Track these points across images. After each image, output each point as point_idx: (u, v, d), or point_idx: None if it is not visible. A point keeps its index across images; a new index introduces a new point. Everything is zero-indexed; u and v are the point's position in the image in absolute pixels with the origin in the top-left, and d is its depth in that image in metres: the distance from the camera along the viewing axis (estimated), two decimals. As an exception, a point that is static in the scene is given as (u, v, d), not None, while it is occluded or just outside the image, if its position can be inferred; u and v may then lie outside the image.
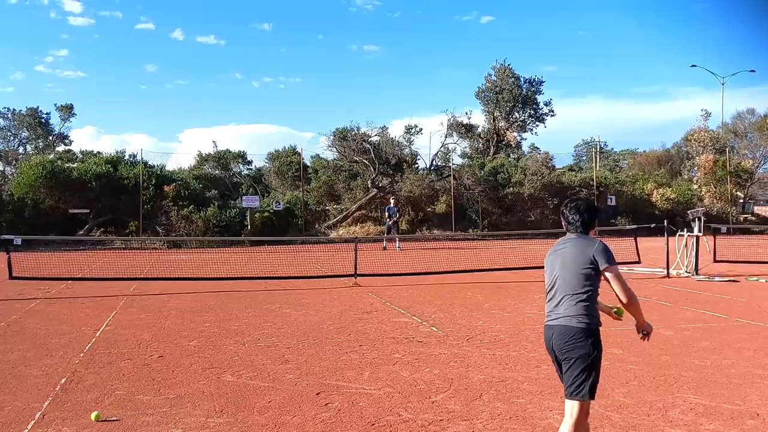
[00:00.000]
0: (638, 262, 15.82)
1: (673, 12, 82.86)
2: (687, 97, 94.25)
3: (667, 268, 15.04)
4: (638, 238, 16.61)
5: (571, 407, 4.12)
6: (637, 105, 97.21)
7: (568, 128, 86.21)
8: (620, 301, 4.39)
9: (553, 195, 35.73)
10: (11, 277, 13.47)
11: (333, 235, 32.72)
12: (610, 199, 36.00)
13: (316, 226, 34.30)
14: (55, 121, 52.24)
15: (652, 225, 18.34)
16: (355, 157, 36.80)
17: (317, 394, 5.90)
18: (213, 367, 6.89)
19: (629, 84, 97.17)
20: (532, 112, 48.07)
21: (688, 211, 16.59)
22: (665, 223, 15.72)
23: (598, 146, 58.61)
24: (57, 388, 6.12)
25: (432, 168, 39.61)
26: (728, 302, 11.17)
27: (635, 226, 18.47)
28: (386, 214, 26.67)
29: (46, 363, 7.13)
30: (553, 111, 48.15)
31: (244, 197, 33.18)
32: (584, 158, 61.31)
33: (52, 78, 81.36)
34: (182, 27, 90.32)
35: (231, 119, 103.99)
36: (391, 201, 26.83)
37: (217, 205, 31.76)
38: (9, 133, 51.47)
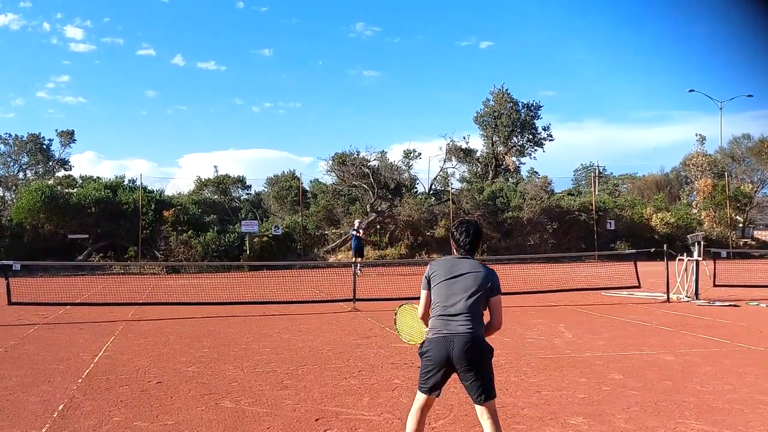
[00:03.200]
0: (638, 287, 15.80)
1: (670, 37, 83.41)
2: (686, 121, 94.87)
3: (668, 292, 15.01)
4: (638, 263, 16.60)
5: (488, 408, 4.45)
6: (635, 129, 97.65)
7: (567, 152, 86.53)
8: (494, 327, 4.69)
9: (553, 219, 35.77)
10: (10, 303, 13.43)
11: (332, 259, 32.68)
12: (610, 223, 36.03)
13: (315, 250, 34.26)
14: (56, 146, 52.44)
15: (652, 249, 18.34)
16: (354, 182, 36.87)
17: (316, 420, 5.86)
18: (211, 393, 6.84)
19: (628, 108, 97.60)
20: (531, 136, 48.24)
21: (688, 236, 16.58)
22: (665, 248, 15.72)
23: (597, 170, 58.85)
24: (55, 415, 6.07)
25: (431, 192, 39.71)
26: (729, 327, 11.13)
27: (635, 251, 18.49)
28: (353, 233, 25.36)
29: (44, 389, 7.08)
30: (551, 135, 48.34)
31: (243, 222, 33.20)
32: (583, 182, 61.52)
33: (53, 104, 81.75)
34: (183, 53, 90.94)
35: (230, 144, 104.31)
36: (356, 222, 26.47)
37: (216, 230, 31.74)
38: (9, 159, 51.56)
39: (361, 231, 25.40)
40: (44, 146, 52.00)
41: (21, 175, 50.69)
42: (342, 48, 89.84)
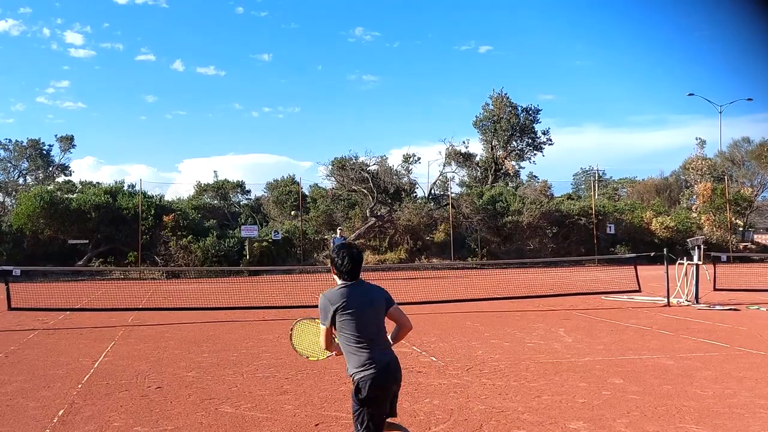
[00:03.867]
0: (638, 291, 15.79)
1: (669, 41, 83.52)
2: (685, 124, 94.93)
3: (668, 296, 15.00)
4: (638, 267, 16.59)
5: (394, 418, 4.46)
6: (635, 133, 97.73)
7: (567, 157, 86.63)
8: (406, 328, 4.58)
9: (552, 223, 35.77)
10: (10, 308, 13.43)
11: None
12: (609, 227, 36.04)
13: (315, 255, 34.25)
14: (56, 152, 52.50)
15: (652, 253, 18.34)
16: (353, 186, 36.89)
17: (316, 425, 5.85)
18: (211, 398, 6.84)
19: (627, 112, 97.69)
20: (530, 140, 48.34)
21: (688, 240, 16.59)
22: (665, 252, 15.72)
23: (597, 175, 58.94)
24: (55, 420, 6.07)
25: (430, 197, 39.71)
26: (729, 331, 11.12)
27: (635, 255, 18.47)
28: (332, 244, 25.21)
29: (44, 395, 7.07)
30: (551, 140, 48.46)
31: (242, 227, 33.17)
32: (583, 186, 61.57)
33: (53, 109, 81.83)
34: (182, 58, 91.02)
35: (230, 149, 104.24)
36: (338, 231, 26.42)
37: (215, 235, 31.74)
38: (9, 164, 51.60)
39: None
40: (44, 151, 52.07)
41: (21, 180, 50.72)
42: (341, 53, 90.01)
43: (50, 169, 51.69)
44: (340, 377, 7.76)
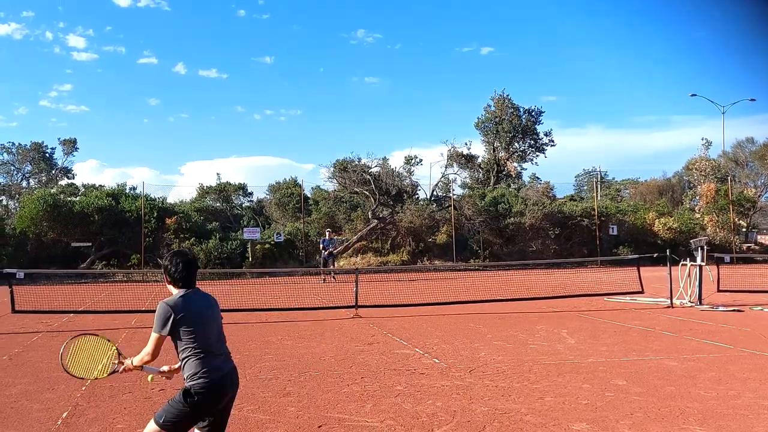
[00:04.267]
0: (641, 292, 15.78)
1: (672, 41, 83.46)
2: (688, 125, 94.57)
3: (671, 297, 14.98)
4: (641, 268, 16.57)
5: None
6: (637, 134, 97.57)
7: (569, 158, 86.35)
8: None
9: (555, 225, 35.72)
10: (14, 311, 13.46)
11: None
12: (612, 228, 36.00)
13: (317, 257, 34.24)
14: (59, 155, 52.63)
15: (655, 255, 18.30)
16: (355, 188, 36.87)
17: (319, 427, 5.85)
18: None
19: (629, 113, 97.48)
20: (532, 142, 48.30)
21: (691, 241, 16.56)
22: (668, 253, 15.70)
23: (599, 176, 58.89)
24: (59, 423, 6.08)
25: (432, 198, 39.67)
26: (732, 332, 11.11)
27: (637, 256, 18.44)
28: (321, 246, 26.91)
29: (48, 397, 7.08)
30: (553, 141, 48.40)
31: (245, 229, 33.23)
32: (585, 188, 61.51)
33: (56, 112, 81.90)
34: (184, 61, 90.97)
35: (232, 152, 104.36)
36: (327, 233, 27.38)
37: (218, 237, 31.78)
38: (12, 168, 51.73)
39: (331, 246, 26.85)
40: (47, 155, 52.21)
41: (24, 183, 50.83)
42: (343, 55, 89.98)
43: (53, 172, 51.80)
44: (343, 379, 7.76)
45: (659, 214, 38.69)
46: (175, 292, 4.21)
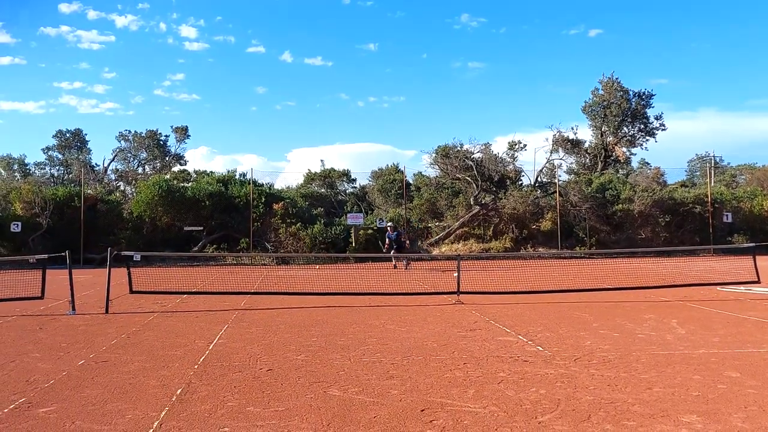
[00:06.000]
0: (757, 282, 15.08)
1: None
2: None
3: (790, 288, 14.26)
4: (757, 257, 15.82)
5: None
6: (754, 117, 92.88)
7: (681, 143, 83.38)
8: None
9: (665, 212, 34.57)
10: (131, 291, 14.17)
11: (435, 252, 32.73)
12: (726, 215, 34.52)
13: (419, 243, 34.40)
14: (171, 142, 54.90)
15: (773, 243, 17.44)
16: (457, 174, 36.76)
17: (422, 410, 5.91)
18: (320, 381, 7.01)
19: (745, 96, 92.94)
20: (642, 126, 46.72)
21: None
22: (787, 241, 14.93)
23: (713, 161, 56.43)
24: (173, 399, 6.38)
25: (537, 184, 39.08)
26: None
27: (754, 244, 17.61)
28: (387, 240, 26.53)
29: (163, 374, 7.44)
30: (664, 125, 46.65)
31: (348, 215, 33.75)
32: (698, 173, 59.05)
33: (169, 101, 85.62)
34: (291, 49, 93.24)
35: (336, 139, 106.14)
36: (388, 228, 26.68)
37: (323, 223, 32.41)
38: (129, 155, 54.32)
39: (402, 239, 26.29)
40: (161, 142, 54.51)
41: (140, 169, 53.33)
42: (446, 40, 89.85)
43: (167, 158, 54.09)
44: (446, 364, 7.80)
45: (778, 201, 36.77)
46: None
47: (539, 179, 40.13)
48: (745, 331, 9.96)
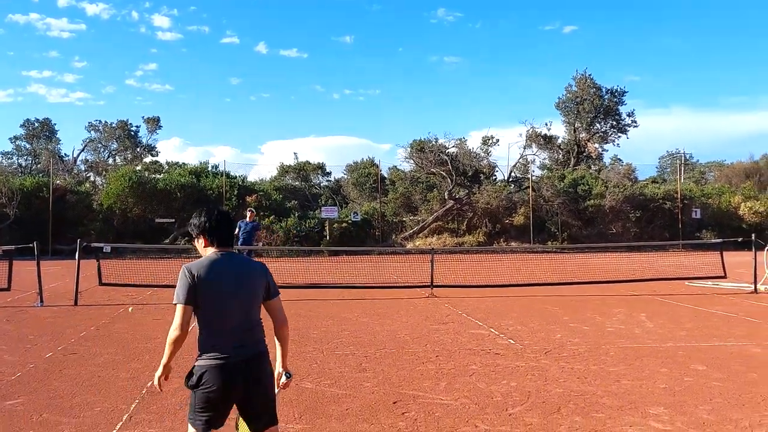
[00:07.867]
0: (724, 277, 15.33)
1: (763, 18, 79.90)
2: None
3: (755, 283, 14.51)
4: (724, 253, 16.07)
5: None
6: (725, 115, 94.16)
7: (652, 139, 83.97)
8: (286, 326, 4.11)
9: (636, 207, 34.97)
10: (101, 283, 14.03)
11: (409, 246, 32.81)
12: (695, 212, 35.01)
13: (393, 237, 34.47)
14: (143, 133, 54.35)
15: (740, 239, 17.73)
16: (432, 169, 36.89)
17: (394, 403, 5.95)
18: (293, 374, 7.02)
19: (717, 93, 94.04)
20: (614, 122, 47.20)
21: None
22: (753, 237, 15.17)
23: (683, 158, 57.13)
24: (143, 392, 6.35)
25: (510, 179, 39.32)
26: (822, 320, 10.69)
27: (721, 240, 17.88)
28: (236, 230, 16.94)
29: (134, 366, 7.40)
30: (636, 122, 47.20)
31: (323, 208, 33.71)
32: (668, 170, 59.72)
33: (141, 91, 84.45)
34: (266, 40, 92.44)
35: (311, 131, 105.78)
36: (247, 214, 17.94)
37: (297, 216, 32.34)
38: (100, 145, 53.70)
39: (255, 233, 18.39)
40: (132, 132, 53.92)
41: (110, 160, 52.74)
42: (423, 34, 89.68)
43: (138, 149, 53.55)
44: (418, 357, 7.85)
45: (745, 198, 37.35)
46: (207, 253, 3.69)
47: (513, 174, 40.39)
48: (711, 325, 10.14)
